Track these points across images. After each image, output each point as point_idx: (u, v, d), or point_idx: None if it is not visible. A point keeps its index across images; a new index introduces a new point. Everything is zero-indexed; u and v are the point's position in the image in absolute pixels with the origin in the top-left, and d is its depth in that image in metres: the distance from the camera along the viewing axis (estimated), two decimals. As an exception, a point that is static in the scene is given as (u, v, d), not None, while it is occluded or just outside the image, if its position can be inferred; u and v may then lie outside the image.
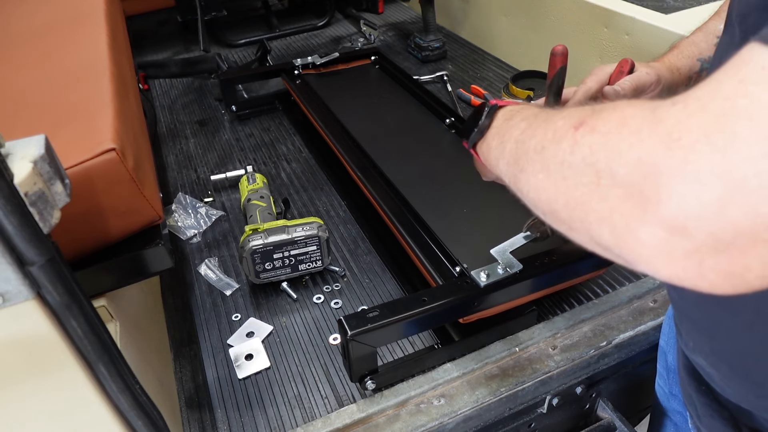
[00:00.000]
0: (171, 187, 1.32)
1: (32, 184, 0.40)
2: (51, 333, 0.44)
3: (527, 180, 0.43)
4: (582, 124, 0.37)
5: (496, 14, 1.75)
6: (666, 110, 0.32)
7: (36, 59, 0.92)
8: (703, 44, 0.74)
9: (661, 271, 0.32)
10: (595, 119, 0.37)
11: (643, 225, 0.31)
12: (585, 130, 0.37)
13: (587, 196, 0.35)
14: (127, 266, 0.70)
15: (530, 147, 0.43)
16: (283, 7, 2.37)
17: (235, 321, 0.96)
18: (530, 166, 0.43)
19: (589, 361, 0.85)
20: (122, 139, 0.66)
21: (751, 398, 0.52)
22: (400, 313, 0.73)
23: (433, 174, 1.11)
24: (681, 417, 0.75)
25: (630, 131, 0.33)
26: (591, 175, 0.35)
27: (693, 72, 0.74)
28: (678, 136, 0.30)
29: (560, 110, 0.43)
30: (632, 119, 0.33)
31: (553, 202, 0.39)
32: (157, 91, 1.79)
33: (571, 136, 0.38)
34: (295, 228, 0.95)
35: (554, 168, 0.39)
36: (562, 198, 0.38)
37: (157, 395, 0.68)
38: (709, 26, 0.75)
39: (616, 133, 0.34)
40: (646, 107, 0.33)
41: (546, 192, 0.40)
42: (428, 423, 0.77)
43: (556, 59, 0.71)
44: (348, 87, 1.50)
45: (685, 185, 0.29)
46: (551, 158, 0.39)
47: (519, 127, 0.48)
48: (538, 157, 0.42)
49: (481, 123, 0.57)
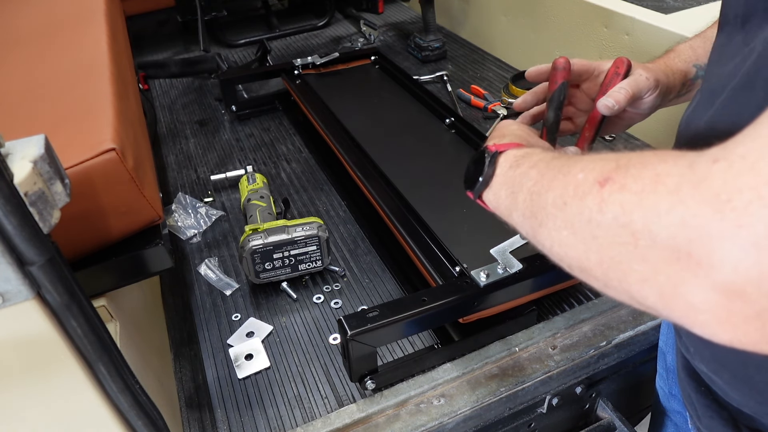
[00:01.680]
0: (171, 187, 1.32)
1: (32, 184, 0.40)
2: (51, 333, 0.44)
3: (549, 235, 0.42)
4: (607, 180, 0.36)
5: (496, 14, 1.75)
6: (706, 168, 0.30)
7: (36, 59, 0.92)
8: (700, 50, 0.73)
9: (719, 335, 0.31)
10: (623, 176, 0.35)
11: (696, 289, 0.30)
12: (613, 187, 0.35)
13: (624, 257, 0.34)
14: (127, 266, 0.70)
15: (548, 201, 0.42)
16: (283, 7, 2.37)
17: (235, 321, 0.96)
18: (551, 221, 0.41)
19: (589, 361, 0.85)
20: (122, 139, 0.66)
21: (752, 404, 0.52)
22: (400, 313, 0.73)
23: (433, 174, 1.11)
24: (681, 417, 0.75)
25: (668, 190, 0.31)
26: (626, 236, 0.33)
27: (687, 78, 0.72)
28: (727, 198, 0.28)
29: (576, 160, 0.42)
30: (668, 177, 0.32)
31: (583, 260, 0.38)
32: (157, 91, 1.79)
33: (597, 193, 0.36)
34: (295, 228, 0.95)
35: (581, 226, 0.38)
36: (593, 257, 0.37)
37: (157, 395, 0.68)
38: (708, 34, 0.74)
39: (652, 192, 0.32)
40: (681, 163, 0.32)
41: (574, 249, 0.39)
42: (428, 423, 0.77)
43: (557, 74, 0.68)
44: (348, 87, 1.50)
45: (742, 249, 0.28)
46: (576, 215, 0.38)
47: (530, 177, 0.47)
48: (560, 213, 0.40)
49: (486, 172, 0.55)
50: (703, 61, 0.72)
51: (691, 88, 0.73)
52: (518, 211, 0.48)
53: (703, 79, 0.53)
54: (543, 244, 0.43)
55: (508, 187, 0.51)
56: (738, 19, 0.46)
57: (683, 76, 0.72)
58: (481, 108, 1.49)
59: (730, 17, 0.48)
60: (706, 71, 0.52)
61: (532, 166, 0.48)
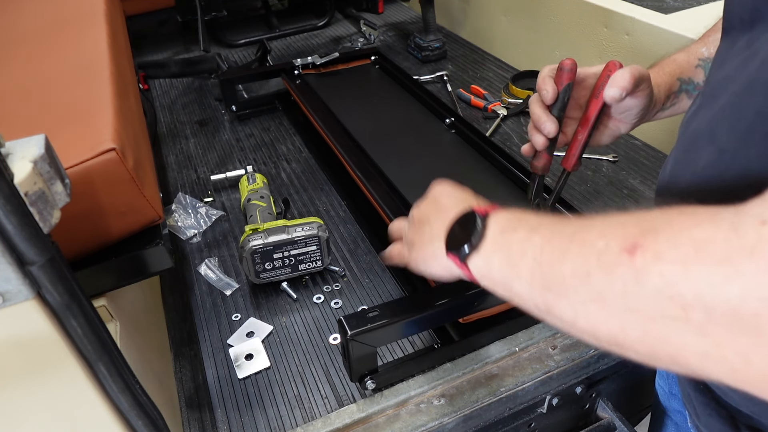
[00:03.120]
0: (171, 187, 1.32)
1: (32, 184, 0.40)
2: (51, 333, 0.44)
3: (572, 309, 0.39)
4: (636, 247, 0.33)
5: (496, 14, 1.75)
6: (755, 231, 0.29)
7: (36, 59, 0.92)
8: (685, 64, 0.72)
9: None
10: (653, 242, 0.33)
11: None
12: (645, 255, 0.33)
13: (675, 331, 0.32)
14: (127, 266, 0.70)
15: (566, 272, 0.39)
16: (283, 7, 2.37)
17: (235, 321, 0.96)
18: (572, 294, 0.38)
19: (589, 361, 0.85)
20: (122, 139, 0.66)
21: (750, 403, 0.52)
22: (400, 313, 0.73)
23: (433, 174, 1.11)
24: (681, 416, 0.75)
25: (717, 260, 0.29)
26: (675, 309, 0.31)
27: (672, 91, 0.71)
28: None
29: (586, 224, 0.39)
30: (712, 245, 0.30)
31: (619, 335, 0.36)
32: (157, 91, 1.79)
33: (628, 264, 0.34)
34: (295, 228, 0.95)
35: (614, 299, 0.35)
36: (633, 333, 0.34)
37: (157, 395, 0.68)
38: (692, 49, 0.73)
39: (697, 261, 0.30)
40: (721, 227, 0.30)
41: (605, 325, 0.36)
42: (428, 423, 0.77)
43: (563, 75, 0.67)
44: (348, 87, 1.50)
45: None
46: (606, 288, 0.35)
47: (533, 243, 0.43)
48: (584, 285, 0.37)
49: (475, 236, 0.50)
50: (688, 75, 0.72)
51: (675, 101, 0.72)
52: (522, 281, 0.44)
53: (705, 82, 0.53)
54: (562, 319, 0.40)
55: (502, 254, 0.47)
56: (745, 24, 0.45)
57: (668, 89, 0.71)
58: (481, 108, 1.49)
59: (735, 22, 0.48)
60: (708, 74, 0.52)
61: (532, 231, 0.44)
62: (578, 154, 0.72)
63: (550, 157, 0.74)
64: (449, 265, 0.55)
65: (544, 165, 0.74)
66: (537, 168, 0.75)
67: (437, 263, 0.57)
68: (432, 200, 0.63)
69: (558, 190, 0.77)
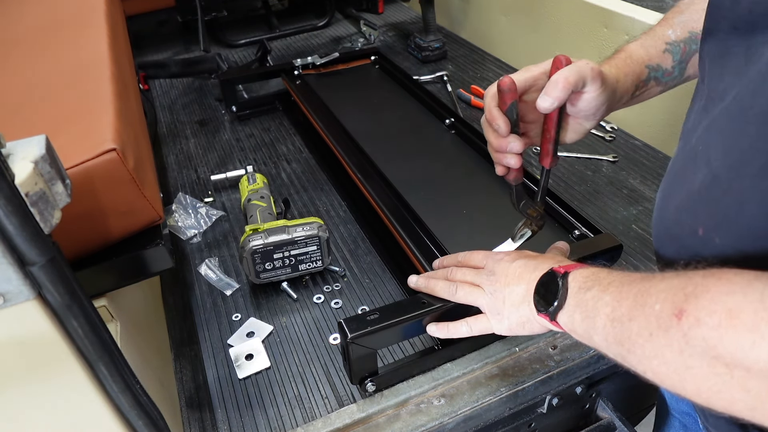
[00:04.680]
0: (171, 187, 1.32)
1: (33, 185, 0.41)
2: (52, 333, 0.44)
3: (641, 363, 0.44)
4: (682, 312, 0.38)
5: (496, 14, 1.75)
6: None
7: (36, 59, 0.92)
8: (652, 50, 0.70)
9: None
10: (694, 307, 0.38)
11: None
12: (689, 320, 0.38)
13: (724, 387, 0.36)
14: (128, 266, 0.70)
15: (633, 330, 0.44)
16: (283, 7, 2.37)
17: (235, 321, 0.96)
18: (639, 350, 0.44)
19: (589, 361, 0.85)
20: (123, 139, 0.66)
21: None
22: (400, 315, 0.73)
23: (433, 175, 1.11)
24: (691, 418, 0.74)
25: (746, 327, 0.34)
26: (720, 367, 0.36)
27: (640, 80, 0.69)
28: None
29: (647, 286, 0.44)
30: (743, 314, 0.34)
31: (679, 388, 0.40)
32: (157, 91, 1.79)
33: (677, 327, 0.38)
34: (295, 228, 0.95)
35: (672, 357, 0.40)
36: (690, 387, 0.39)
37: (158, 395, 0.68)
38: (657, 32, 0.71)
39: (729, 327, 0.35)
40: (751, 295, 0.35)
41: (668, 378, 0.41)
42: (428, 423, 0.77)
43: (505, 96, 0.66)
44: (348, 87, 1.50)
45: None
46: (665, 347, 0.40)
47: (605, 302, 0.49)
48: (648, 343, 0.42)
49: (560, 296, 0.55)
50: (656, 62, 0.69)
51: (645, 89, 0.70)
52: (600, 336, 0.49)
53: (701, 83, 0.52)
54: (636, 369, 0.46)
55: (581, 310, 0.52)
56: (739, 30, 0.45)
57: (636, 78, 0.69)
58: (481, 108, 1.49)
59: (722, 25, 0.47)
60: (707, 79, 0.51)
61: (604, 290, 0.50)
62: (551, 150, 0.71)
63: (520, 167, 0.74)
64: (543, 323, 0.60)
65: (516, 176, 0.75)
66: (510, 180, 0.76)
67: (532, 325, 0.63)
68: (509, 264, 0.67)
69: (543, 188, 0.77)
